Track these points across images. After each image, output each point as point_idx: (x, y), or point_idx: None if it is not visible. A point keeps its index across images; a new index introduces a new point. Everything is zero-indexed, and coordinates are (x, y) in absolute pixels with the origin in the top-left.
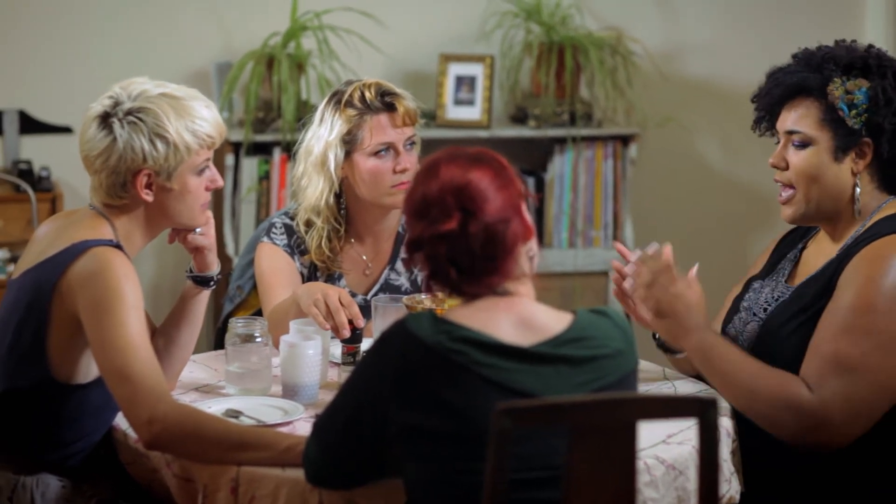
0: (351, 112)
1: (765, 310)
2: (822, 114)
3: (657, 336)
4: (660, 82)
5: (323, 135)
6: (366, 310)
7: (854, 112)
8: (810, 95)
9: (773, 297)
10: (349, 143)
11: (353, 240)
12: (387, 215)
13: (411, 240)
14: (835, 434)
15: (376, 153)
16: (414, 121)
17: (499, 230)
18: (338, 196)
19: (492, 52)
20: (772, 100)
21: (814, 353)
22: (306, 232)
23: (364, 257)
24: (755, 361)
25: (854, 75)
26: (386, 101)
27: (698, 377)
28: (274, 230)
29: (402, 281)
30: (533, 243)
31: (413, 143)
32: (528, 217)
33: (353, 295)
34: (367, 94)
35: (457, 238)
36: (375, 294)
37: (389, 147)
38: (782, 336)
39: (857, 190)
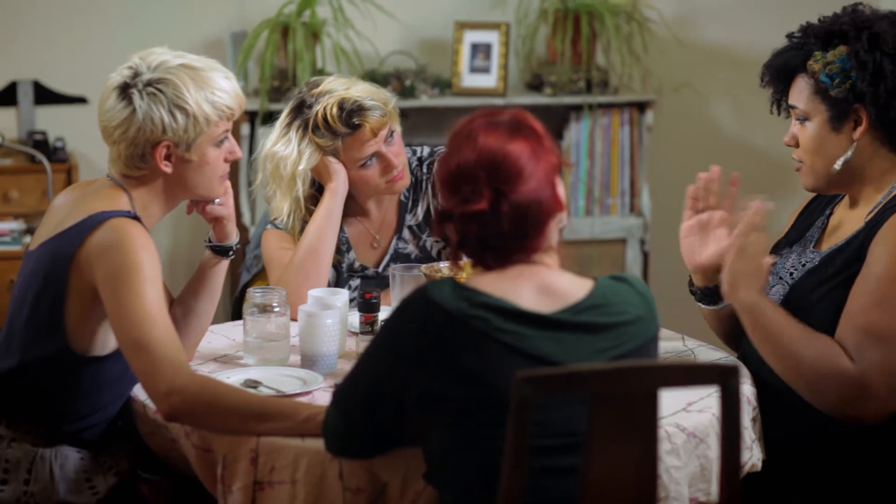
0: (320, 140)
1: (791, 274)
2: (812, 88)
3: (693, 285)
4: (675, 48)
5: (290, 157)
6: (377, 282)
7: (836, 81)
8: (799, 73)
9: (800, 263)
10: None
11: (357, 216)
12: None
13: (442, 211)
14: (876, 406)
15: (361, 166)
16: (385, 122)
17: (530, 210)
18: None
19: (507, 20)
20: (772, 84)
21: (849, 323)
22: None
23: (371, 231)
24: (802, 326)
25: (835, 44)
26: (352, 124)
27: (730, 336)
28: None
29: (411, 249)
30: (563, 214)
31: (392, 133)
32: (561, 189)
33: (364, 268)
34: (331, 120)
35: (487, 218)
36: (387, 265)
37: (372, 156)
38: (809, 302)
39: (848, 153)
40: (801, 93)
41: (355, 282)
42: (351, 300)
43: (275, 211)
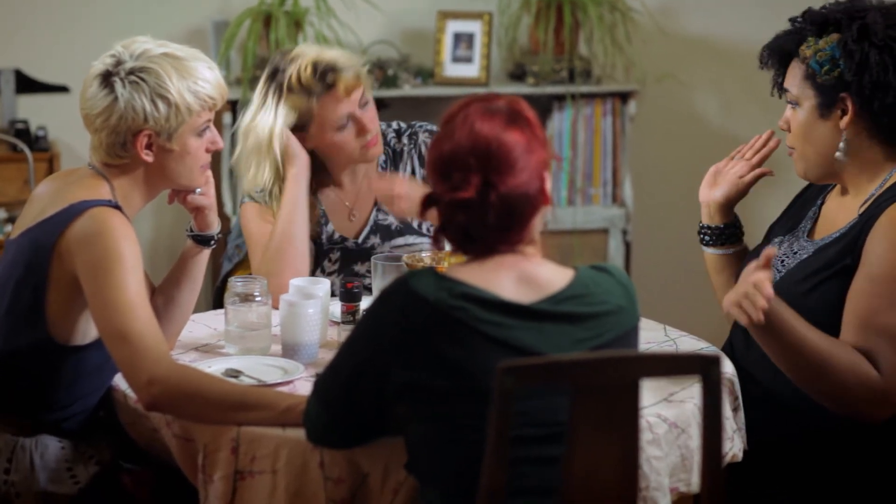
0: (295, 99)
1: (782, 262)
2: (803, 73)
3: (702, 226)
4: (659, 38)
5: (267, 121)
6: (358, 253)
7: (825, 69)
8: (794, 57)
9: (791, 251)
10: (302, 126)
11: (331, 186)
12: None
13: (429, 196)
14: (894, 407)
15: (337, 128)
16: (359, 84)
17: (518, 203)
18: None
19: (490, 9)
20: (771, 66)
21: (861, 327)
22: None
23: (346, 203)
24: (825, 336)
25: (829, 31)
26: (326, 82)
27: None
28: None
29: (391, 220)
30: (548, 208)
31: (366, 102)
32: (549, 183)
33: (344, 239)
34: (305, 79)
35: (474, 207)
36: (367, 237)
37: (347, 118)
38: (799, 292)
39: (841, 145)
40: (793, 77)
41: (336, 254)
42: (331, 273)
43: (254, 181)
